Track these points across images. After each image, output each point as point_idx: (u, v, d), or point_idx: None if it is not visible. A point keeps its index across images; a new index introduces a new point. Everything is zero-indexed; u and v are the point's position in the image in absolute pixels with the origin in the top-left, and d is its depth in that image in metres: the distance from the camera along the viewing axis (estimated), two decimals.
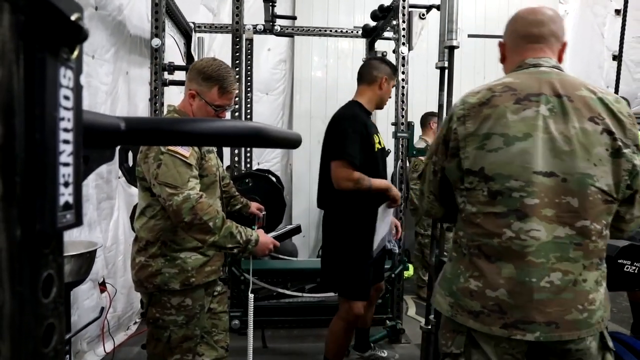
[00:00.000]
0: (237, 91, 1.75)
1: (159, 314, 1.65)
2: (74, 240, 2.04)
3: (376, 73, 2.40)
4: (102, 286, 2.70)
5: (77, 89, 0.43)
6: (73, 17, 0.40)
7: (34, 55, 0.39)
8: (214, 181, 1.73)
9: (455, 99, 3.38)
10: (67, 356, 1.66)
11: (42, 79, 0.39)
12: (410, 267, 4.17)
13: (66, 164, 0.42)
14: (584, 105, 1.16)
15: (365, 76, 2.42)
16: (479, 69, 5.63)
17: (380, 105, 2.47)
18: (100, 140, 0.57)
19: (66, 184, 0.42)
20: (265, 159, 5.65)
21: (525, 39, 1.26)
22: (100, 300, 2.72)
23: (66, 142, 0.42)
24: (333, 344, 2.41)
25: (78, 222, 0.44)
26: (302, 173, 5.60)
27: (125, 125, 0.59)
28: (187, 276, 1.61)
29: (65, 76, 0.42)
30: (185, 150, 1.54)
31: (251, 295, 1.79)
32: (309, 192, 5.60)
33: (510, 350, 1.19)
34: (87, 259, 1.70)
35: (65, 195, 0.42)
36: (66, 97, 0.42)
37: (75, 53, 0.43)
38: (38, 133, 0.39)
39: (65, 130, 0.42)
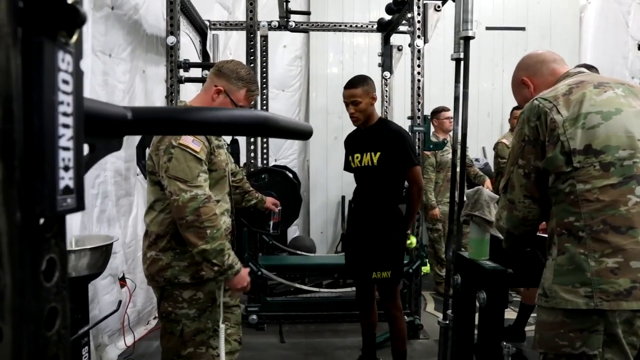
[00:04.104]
0: (257, 96, 1.79)
1: (171, 307, 1.66)
2: (91, 234, 2.08)
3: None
4: (122, 281, 2.74)
5: (77, 74, 0.43)
6: (70, 0, 0.40)
7: (31, 39, 0.38)
8: (223, 176, 1.74)
9: (473, 92, 3.31)
10: (87, 347, 1.70)
11: (40, 63, 0.39)
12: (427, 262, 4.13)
13: (66, 148, 0.42)
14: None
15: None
16: (498, 62, 5.53)
17: None
18: (106, 129, 0.57)
19: (66, 168, 0.42)
20: (283, 155, 5.67)
21: (555, 62, 1.48)
22: (120, 295, 2.76)
23: (66, 126, 0.42)
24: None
25: (80, 206, 0.44)
26: (319, 169, 5.59)
27: (132, 115, 0.59)
28: (197, 269, 1.62)
29: (64, 60, 0.41)
30: (196, 145, 1.55)
31: (222, 326, 1.72)
32: (326, 188, 5.60)
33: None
34: (103, 253, 1.73)
35: (66, 179, 0.42)
36: (65, 82, 0.42)
37: (74, 37, 0.42)
38: (36, 117, 0.39)
39: (65, 114, 0.42)
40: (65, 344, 0.45)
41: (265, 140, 4.26)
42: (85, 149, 0.56)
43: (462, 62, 2.06)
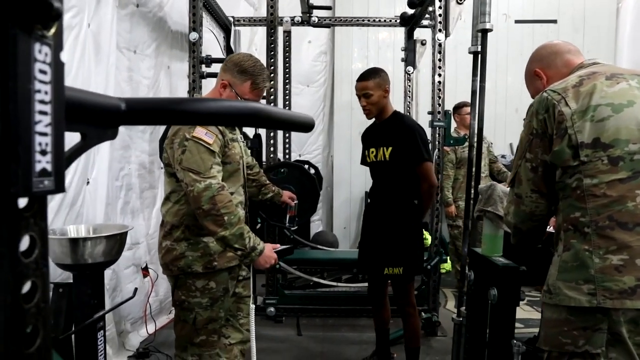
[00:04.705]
0: (267, 88, 1.81)
1: (184, 296, 1.72)
2: (109, 224, 2.16)
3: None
4: (145, 271, 2.83)
5: (57, 64, 0.46)
6: None
7: (7, 32, 0.41)
8: (237, 169, 1.77)
9: (501, 87, 3.16)
10: (102, 331, 1.77)
11: (14, 54, 0.42)
12: (448, 259, 4.08)
13: (43, 134, 0.45)
14: None
15: None
16: (527, 56, 5.37)
17: None
18: (99, 119, 0.60)
19: (43, 152, 0.45)
20: (307, 150, 5.71)
21: (570, 53, 1.43)
22: (142, 284, 2.86)
23: (43, 113, 0.45)
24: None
25: (58, 189, 0.47)
26: (343, 164, 5.60)
27: (125, 106, 0.63)
28: (210, 259, 1.66)
29: (41, 52, 0.44)
30: (209, 138, 1.59)
31: (252, 306, 1.82)
32: (349, 183, 5.60)
33: None
34: (117, 241, 1.80)
35: (43, 162, 0.45)
36: (42, 72, 0.44)
37: (52, 30, 0.45)
38: (12, 104, 0.42)
39: (42, 102, 0.45)
40: (45, 317, 0.48)
41: (287, 135, 4.30)
42: (77, 137, 0.60)
43: (479, 56, 2.02)
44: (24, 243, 0.45)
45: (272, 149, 3.11)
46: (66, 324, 1.78)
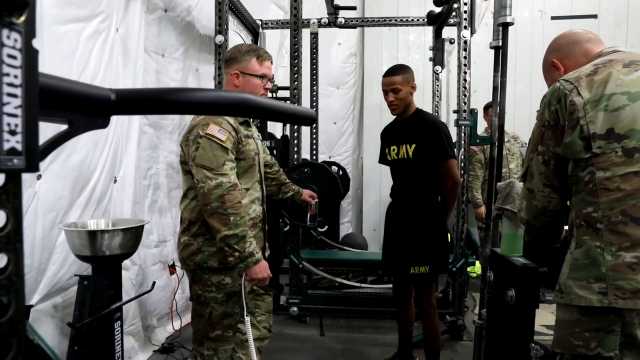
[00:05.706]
0: (272, 60, 1.83)
1: (200, 290, 1.75)
2: (127, 218, 2.24)
3: None
4: (172, 268, 2.91)
5: (28, 50, 0.48)
6: None
7: None
8: (252, 165, 1.80)
9: (534, 85, 2.94)
10: (119, 322, 1.83)
11: None
12: (477, 263, 3.98)
13: (12, 115, 0.47)
14: None
15: None
16: None
17: None
18: (87, 107, 0.63)
19: (12, 132, 0.47)
20: (337, 152, 5.72)
21: (589, 41, 1.37)
22: (169, 281, 2.94)
23: (12, 95, 0.47)
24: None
25: (29, 168, 0.49)
26: (373, 166, 5.56)
27: (115, 96, 0.65)
28: (225, 255, 1.69)
29: (10, 37, 0.47)
30: (222, 135, 1.62)
31: (247, 318, 1.67)
32: (379, 185, 5.56)
33: None
34: (134, 234, 1.86)
35: (12, 141, 0.47)
36: (11, 56, 0.47)
37: (23, 18, 0.48)
38: None
39: (11, 85, 0.47)
40: (17, 290, 0.51)
41: (314, 136, 4.32)
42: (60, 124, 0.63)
43: (501, 50, 1.96)
44: None
45: (295, 149, 3.13)
46: (90, 314, 1.86)
